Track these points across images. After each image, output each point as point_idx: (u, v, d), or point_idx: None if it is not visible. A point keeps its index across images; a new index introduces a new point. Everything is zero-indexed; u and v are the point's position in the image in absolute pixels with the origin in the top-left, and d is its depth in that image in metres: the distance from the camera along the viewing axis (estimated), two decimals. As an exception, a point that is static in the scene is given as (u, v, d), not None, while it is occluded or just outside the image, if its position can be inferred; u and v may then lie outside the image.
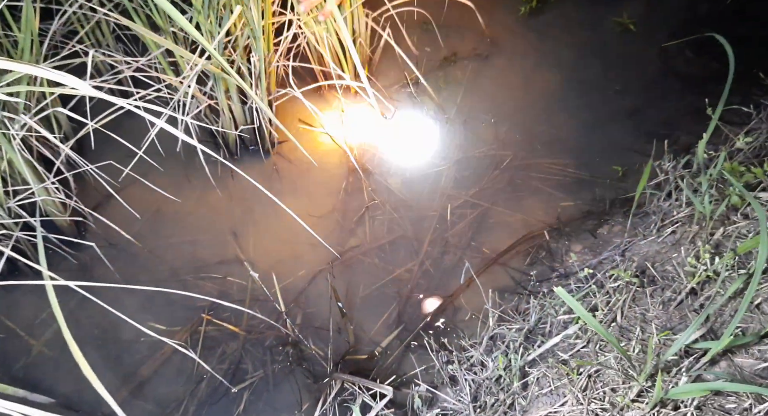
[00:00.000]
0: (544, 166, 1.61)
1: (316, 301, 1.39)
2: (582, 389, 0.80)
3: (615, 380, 0.79)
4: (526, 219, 1.50)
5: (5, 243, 1.12)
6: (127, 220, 1.44)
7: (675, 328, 0.84)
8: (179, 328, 1.33)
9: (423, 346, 1.28)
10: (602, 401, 0.77)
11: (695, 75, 1.76)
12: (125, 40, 1.51)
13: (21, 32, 0.99)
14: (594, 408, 0.77)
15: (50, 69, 0.66)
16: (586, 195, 1.54)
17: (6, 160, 1.04)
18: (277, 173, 1.61)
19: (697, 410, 0.70)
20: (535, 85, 1.79)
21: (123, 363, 1.29)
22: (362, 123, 1.71)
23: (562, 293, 0.71)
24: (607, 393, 0.77)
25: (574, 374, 0.82)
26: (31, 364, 1.28)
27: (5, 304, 1.32)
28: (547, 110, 1.72)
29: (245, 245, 1.48)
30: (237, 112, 1.47)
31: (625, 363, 0.77)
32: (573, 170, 1.59)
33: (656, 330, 0.83)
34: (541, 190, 1.55)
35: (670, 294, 0.89)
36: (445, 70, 1.84)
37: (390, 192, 1.58)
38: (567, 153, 1.63)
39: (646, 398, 0.73)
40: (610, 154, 1.62)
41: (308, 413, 1.17)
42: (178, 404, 1.23)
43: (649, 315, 0.89)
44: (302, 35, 1.52)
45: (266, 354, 1.30)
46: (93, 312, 1.34)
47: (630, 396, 0.73)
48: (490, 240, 1.48)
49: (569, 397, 0.80)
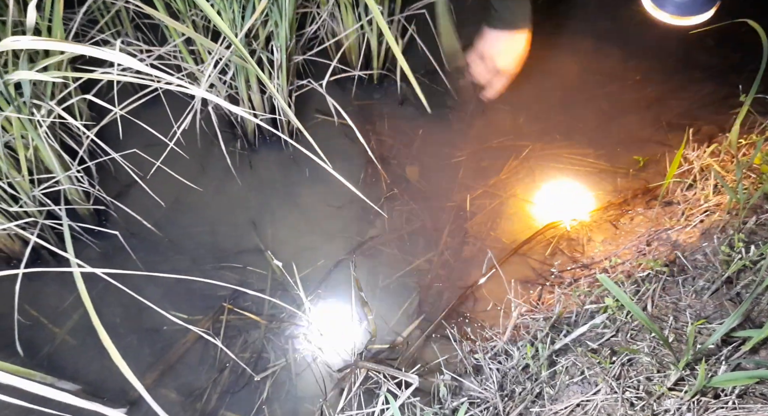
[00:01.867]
0: (563, 156, 1.60)
1: (336, 291, 1.39)
2: (615, 377, 0.80)
3: (649, 369, 0.78)
4: (545, 209, 1.49)
5: (30, 231, 1.12)
6: (148, 210, 1.44)
7: (710, 317, 0.84)
8: (201, 317, 1.33)
9: (445, 336, 1.28)
10: (637, 389, 0.77)
11: (716, 65, 1.74)
12: (144, 29, 1.50)
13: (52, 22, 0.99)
14: (629, 397, 0.77)
15: (99, 48, 0.66)
16: (606, 185, 1.53)
17: (32, 147, 1.04)
18: (295, 163, 1.61)
19: (738, 398, 0.70)
20: (554, 75, 1.77)
21: (145, 351, 1.29)
22: (379, 114, 1.70)
23: (605, 280, 0.70)
24: (642, 381, 0.77)
25: (606, 363, 0.82)
26: (55, 352, 1.28)
27: (28, 292, 1.32)
28: (566, 100, 1.71)
29: (264, 235, 1.48)
30: (256, 101, 1.46)
31: (659, 352, 0.76)
32: (593, 160, 1.58)
33: (691, 319, 0.83)
34: (560, 181, 1.55)
35: (704, 283, 0.89)
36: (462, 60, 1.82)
37: (408, 182, 1.57)
38: (586, 143, 1.61)
39: (683, 386, 0.73)
40: (630, 144, 1.61)
41: (332, 401, 1.17)
42: (201, 392, 1.24)
43: (681, 304, 0.88)
44: (324, 28, 1.51)
45: (288, 344, 1.30)
46: (114, 301, 1.34)
47: (667, 385, 0.73)
48: (510, 230, 1.47)
49: (602, 386, 0.80)
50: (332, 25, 1.53)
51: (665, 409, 0.72)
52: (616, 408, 0.76)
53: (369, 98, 1.73)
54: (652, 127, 1.64)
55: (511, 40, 1.26)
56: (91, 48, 0.66)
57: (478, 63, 1.36)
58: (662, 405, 0.72)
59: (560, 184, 1.54)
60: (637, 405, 0.75)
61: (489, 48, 1.30)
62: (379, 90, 1.75)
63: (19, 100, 0.94)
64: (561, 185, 1.54)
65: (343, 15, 1.48)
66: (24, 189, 1.13)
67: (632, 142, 1.61)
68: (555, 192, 1.53)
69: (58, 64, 0.97)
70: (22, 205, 1.16)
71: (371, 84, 1.75)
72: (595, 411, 0.77)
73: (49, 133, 1.05)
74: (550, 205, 1.50)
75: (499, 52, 1.28)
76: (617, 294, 0.70)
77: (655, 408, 0.73)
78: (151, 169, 1.42)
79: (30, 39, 0.66)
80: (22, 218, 1.14)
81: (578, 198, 1.50)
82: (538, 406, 0.89)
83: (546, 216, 1.48)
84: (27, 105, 0.95)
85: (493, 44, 1.28)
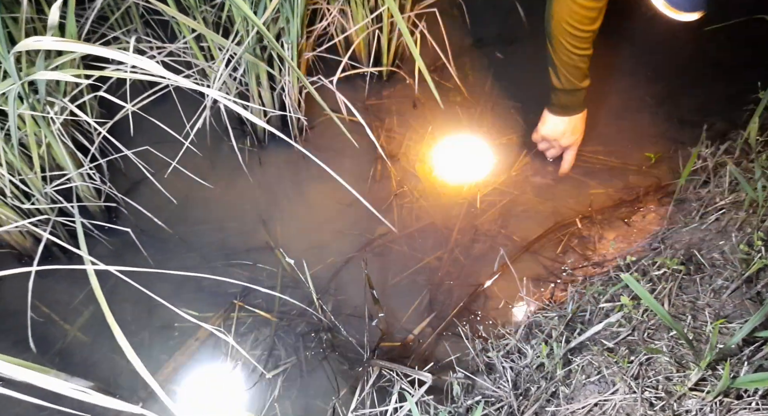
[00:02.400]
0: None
1: (346, 288, 1.38)
2: (634, 377, 0.79)
3: (668, 368, 0.78)
4: (557, 207, 1.49)
5: (42, 228, 1.12)
6: (157, 207, 1.44)
7: (729, 316, 0.83)
8: (212, 315, 1.33)
9: (456, 334, 1.27)
10: (656, 389, 0.76)
11: (729, 61, 1.73)
12: (153, 25, 1.50)
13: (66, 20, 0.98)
14: (648, 397, 0.76)
15: (122, 52, 0.65)
16: (617, 182, 1.52)
17: (45, 144, 1.04)
18: (304, 160, 1.60)
19: (762, 399, 0.69)
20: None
21: (156, 349, 1.29)
22: (388, 111, 1.70)
23: (630, 281, 0.70)
24: (661, 381, 0.77)
25: (624, 362, 0.81)
26: (66, 349, 1.28)
27: (39, 289, 1.32)
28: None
29: (273, 232, 1.47)
30: (266, 98, 1.46)
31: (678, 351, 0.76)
32: (603, 157, 1.57)
33: (710, 318, 0.82)
34: (571, 177, 1.54)
35: (722, 281, 0.88)
36: (471, 56, 1.82)
37: (417, 180, 1.57)
38: (597, 139, 1.60)
39: (704, 387, 0.72)
40: (642, 141, 1.59)
41: (344, 399, 1.17)
42: (212, 390, 1.24)
43: (699, 303, 0.87)
44: (333, 24, 1.50)
45: (299, 341, 1.30)
46: (124, 298, 1.34)
47: (688, 385, 0.72)
48: (521, 228, 1.46)
49: (620, 385, 0.79)
50: (342, 22, 1.52)
51: (686, 409, 0.71)
52: (635, 408, 0.75)
53: (378, 95, 1.72)
54: (663, 123, 1.63)
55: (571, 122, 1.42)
56: (115, 51, 0.66)
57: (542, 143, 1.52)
58: (683, 406, 0.72)
59: (571, 181, 1.53)
60: (656, 405, 0.74)
61: (551, 131, 1.46)
62: (388, 86, 1.74)
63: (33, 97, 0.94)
64: (572, 182, 1.53)
65: (353, 11, 1.47)
66: (36, 186, 1.13)
67: (643, 139, 1.60)
68: (565, 189, 1.52)
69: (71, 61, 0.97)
70: (34, 202, 1.16)
71: (380, 80, 1.74)
72: (614, 411, 0.76)
73: (62, 130, 1.05)
74: (560, 203, 1.49)
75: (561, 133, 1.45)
76: (642, 296, 0.70)
77: (675, 409, 0.72)
78: (159, 166, 1.42)
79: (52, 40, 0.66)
80: (34, 215, 1.13)
81: (589, 195, 1.49)
82: (554, 405, 0.88)
83: (557, 213, 1.47)
84: (41, 102, 0.95)
85: (555, 127, 1.44)
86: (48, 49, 0.68)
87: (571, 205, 1.48)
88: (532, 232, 1.44)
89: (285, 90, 1.42)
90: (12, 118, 0.87)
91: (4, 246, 1.31)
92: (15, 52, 0.72)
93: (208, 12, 1.34)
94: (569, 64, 1.28)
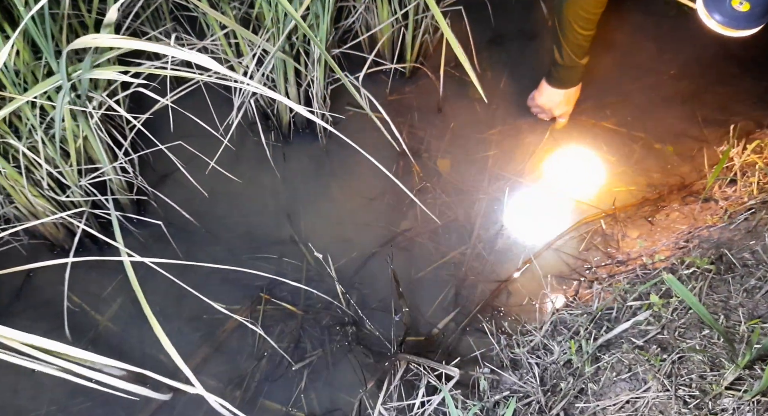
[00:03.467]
0: (597, 151, 1.59)
1: (371, 282, 1.40)
2: (667, 375, 0.80)
3: (701, 367, 0.79)
4: (579, 205, 1.49)
5: (77, 220, 1.14)
6: (185, 200, 1.46)
7: (764, 316, 0.83)
8: (239, 307, 1.35)
9: (480, 330, 1.29)
10: (690, 387, 0.77)
11: (753, 59, 1.71)
12: (182, 21, 1.51)
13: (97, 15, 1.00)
14: (682, 395, 0.77)
15: (180, 47, 0.66)
16: (641, 180, 1.52)
17: (81, 138, 1.06)
18: (328, 155, 1.62)
19: (799, 398, 0.70)
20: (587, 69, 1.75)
21: (185, 339, 1.32)
22: (411, 107, 1.70)
23: (672, 281, 0.70)
24: (695, 380, 0.78)
25: (656, 360, 0.82)
26: (98, 338, 1.31)
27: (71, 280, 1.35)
28: (600, 94, 1.69)
29: (298, 226, 1.49)
30: (292, 94, 1.47)
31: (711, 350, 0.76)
32: (627, 155, 1.57)
33: (743, 318, 0.83)
34: (593, 175, 1.54)
35: (755, 281, 0.89)
36: (491, 52, 1.81)
37: (439, 175, 1.58)
38: (621, 138, 1.60)
39: (741, 386, 0.73)
40: (666, 140, 1.59)
41: (371, 392, 1.19)
42: (240, 380, 1.26)
43: (732, 303, 0.88)
44: (359, 21, 1.51)
45: (324, 334, 1.32)
46: (154, 290, 1.36)
47: (724, 384, 0.73)
48: (543, 224, 1.47)
49: (653, 383, 0.80)
50: (367, 18, 1.53)
51: (722, 408, 0.72)
52: (668, 406, 0.76)
53: (401, 91, 1.73)
54: (687, 121, 1.62)
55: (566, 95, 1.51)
56: (176, 49, 0.67)
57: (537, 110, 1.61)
58: (719, 404, 0.73)
59: (594, 179, 1.53)
60: (690, 404, 0.75)
61: (547, 101, 1.54)
62: (410, 83, 1.75)
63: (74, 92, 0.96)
64: (594, 179, 1.53)
65: (379, 8, 1.48)
66: (72, 179, 1.15)
67: (667, 137, 1.59)
68: (588, 186, 1.52)
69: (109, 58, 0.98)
70: (69, 195, 1.18)
71: (403, 77, 1.75)
72: (647, 409, 0.78)
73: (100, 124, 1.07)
74: (583, 200, 1.49)
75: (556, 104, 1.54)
76: (684, 295, 0.70)
77: (710, 407, 0.73)
78: (186, 159, 1.44)
79: (110, 37, 0.67)
80: (69, 208, 1.16)
81: (612, 193, 1.50)
82: (583, 402, 0.89)
83: (579, 210, 1.48)
84: (81, 98, 0.97)
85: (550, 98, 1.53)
86: (106, 46, 0.69)
87: (594, 203, 1.49)
88: (555, 228, 1.45)
89: (311, 86, 1.44)
90: (58, 113, 0.89)
91: (38, 236, 1.34)
92: (67, 52, 0.74)
93: (237, 8, 1.35)
94: (574, 43, 1.36)
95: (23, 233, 1.32)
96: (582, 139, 1.61)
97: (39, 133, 1.00)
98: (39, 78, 1.04)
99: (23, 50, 0.99)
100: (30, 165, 1.11)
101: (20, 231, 1.30)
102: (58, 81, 0.84)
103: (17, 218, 1.24)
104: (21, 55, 0.99)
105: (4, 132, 1.03)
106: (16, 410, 1.22)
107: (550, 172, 1.56)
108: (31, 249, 1.37)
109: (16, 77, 1.00)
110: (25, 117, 1.02)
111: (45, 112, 1.07)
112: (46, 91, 0.90)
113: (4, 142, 1.05)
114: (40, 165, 1.05)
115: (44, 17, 0.89)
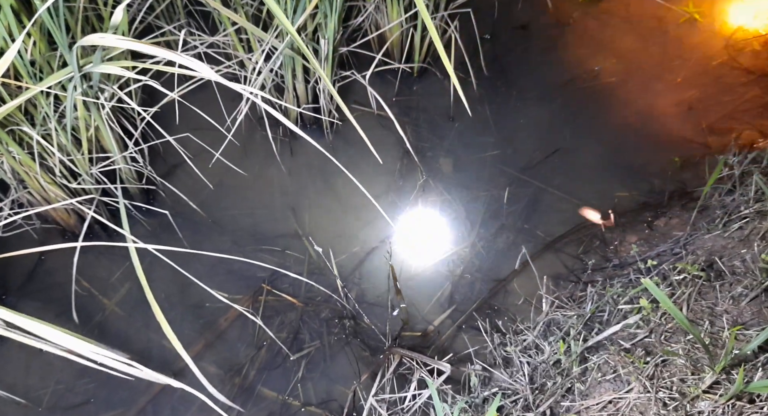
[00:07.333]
0: (599, 154, 1.60)
1: (370, 278, 1.43)
2: (649, 377, 0.82)
3: (683, 371, 0.81)
4: (580, 207, 1.51)
5: (87, 206, 1.18)
6: (192, 190, 1.50)
7: (747, 323, 0.85)
8: (241, 297, 1.39)
9: (475, 327, 1.31)
10: (670, 390, 0.79)
11: (761, 69, 1.71)
12: (195, 16, 1.54)
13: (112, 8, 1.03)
14: (662, 397, 0.79)
15: (186, 56, 0.70)
16: (642, 186, 1.53)
17: (93, 128, 1.10)
18: (334, 152, 1.64)
19: (772, 403, 0.72)
20: (595, 74, 1.77)
21: (187, 326, 1.36)
22: (416, 106, 1.72)
23: (649, 285, 0.72)
24: (676, 382, 0.79)
25: (640, 362, 0.84)
26: (104, 322, 1.36)
27: (80, 265, 1.39)
28: (606, 98, 1.71)
29: (301, 220, 1.52)
30: (300, 91, 1.50)
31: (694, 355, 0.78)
32: (629, 160, 1.58)
33: (727, 324, 0.85)
34: (595, 179, 1.55)
35: (742, 289, 0.90)
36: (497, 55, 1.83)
37: (442, 173, 1.60)
38: (624, 143, 1.61)
39: (718, 390, 0.75)
40: (669, 146, 1.60)
41: (365, 384, 1.22)
42: (239, 368, 1.30)
43: (718, 309, 0.90)
44: (368, 20, 1.53)
45: (322, 326, 1.35)
46: (159, 277, 1.40)
47: (702, 387, 0.75)
48: (543, 224, 1.49)
49: (635, 384, 0.82)
50: (376, 18, 1.55)
51: (699, 411, 0.74)
52: (648, 407, 0.78)
53: (407, 91, 1.75)
54: (691, 128, 1.63)
55: None
56: (172, 53, 0.70)
57: None
58: (696, 407, 0.75)
59: (595, 183, 1.55)
60: (670, 406, 0.77)
61: None
62: (417, 83, 1.77)
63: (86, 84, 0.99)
64: (595, 184, 1.54)
65: (389, 8, 1.50)
66: (83, 167, 1.19)
67: (670, 143, 1.60)
68: (589, 191, 1.53)
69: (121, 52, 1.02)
70: (80, 183, 1.22)
71: (410, 77, 1.77)
72: (628, 409, 0.80)
73: (111, 115, 1.10)
74: (583, 203, 1.51)
75: None
76: (661, 300, 0.72)
77: (688, 409, 0.75)
78: (195, 151, 1.48)
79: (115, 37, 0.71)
80: (80, 194, 1.20)
81: (613, 198, 1.51)
82: (569, 401, 0.92)
83: (579, 213, 1.49)
84: (93, 89, 1.00)
85: None
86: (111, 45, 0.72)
87: (595, 206, 1.50)
88: (554, 229, 1.47)
89: (319, 83, 1.46)
90: (69, 104, 0.92)
91: (50, 221, 1.38)
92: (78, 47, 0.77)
93: (248, 5, 1.38)
94: None
95: (35, 217, 1.37)
96: (586, 139, 1.62)
97: (53, 121, 1.04)
98: (54, 68, 1.07)
99: (39, 41, 1.03)
100: (43, 152, 1.15)
101: (33, 216, 1.35)
102: (71, 72, 0.88)
103: (30, 203, 1.29)
104: (37, 46, 1.03)
105: (19, 120, 1.07)
106: (27, 388, 1.27)
107: (552, 174, 1.57)
108: (43, 233, 1.42)
109: (31, 67, 1.03)
110: (39, 106, 1.06)
111: (59, 101, 1.11)
112: (60, 81, 0.94)
113: (20, 129, 1.09)
114: (53, 152, 1.09)
115: (59, 9, 0.92)
